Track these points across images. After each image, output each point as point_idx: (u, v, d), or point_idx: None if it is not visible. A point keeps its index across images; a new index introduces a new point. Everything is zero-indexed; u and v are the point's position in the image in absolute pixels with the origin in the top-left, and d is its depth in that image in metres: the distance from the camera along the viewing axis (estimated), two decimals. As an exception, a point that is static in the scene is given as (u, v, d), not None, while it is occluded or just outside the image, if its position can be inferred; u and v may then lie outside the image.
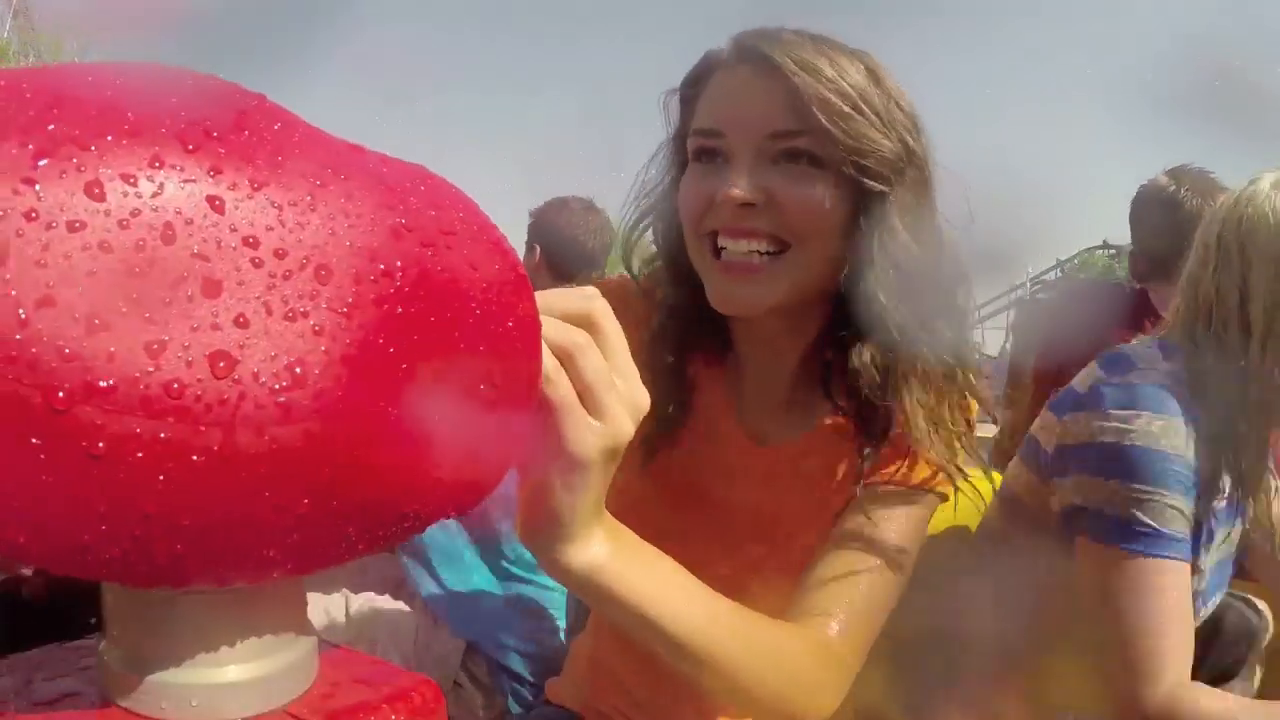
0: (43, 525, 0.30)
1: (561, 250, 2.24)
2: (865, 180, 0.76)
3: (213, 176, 0.30)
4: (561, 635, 1.46)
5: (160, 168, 0.29)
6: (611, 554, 0.58)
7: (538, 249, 2.28)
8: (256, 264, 0.30)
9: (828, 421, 0.87)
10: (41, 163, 0.27)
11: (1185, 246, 1.52)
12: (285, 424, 0.30)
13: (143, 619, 0.40)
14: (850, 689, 0.76)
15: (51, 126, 0.28)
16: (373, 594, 1.47)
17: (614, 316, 0.53)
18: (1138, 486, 1.02)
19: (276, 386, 0.29)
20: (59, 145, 0.28)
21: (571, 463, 0.51)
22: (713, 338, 0.88)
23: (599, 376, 0.51)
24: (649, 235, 0.92)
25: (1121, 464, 1.03)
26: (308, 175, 0.33)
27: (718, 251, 0.79)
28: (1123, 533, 1.02)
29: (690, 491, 0.89)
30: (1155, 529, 1.01)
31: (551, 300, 0.50)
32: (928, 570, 0.86)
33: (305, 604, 0.45)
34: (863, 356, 0.80)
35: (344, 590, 1.48)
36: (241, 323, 0.29)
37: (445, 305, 0.37)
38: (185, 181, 0.29)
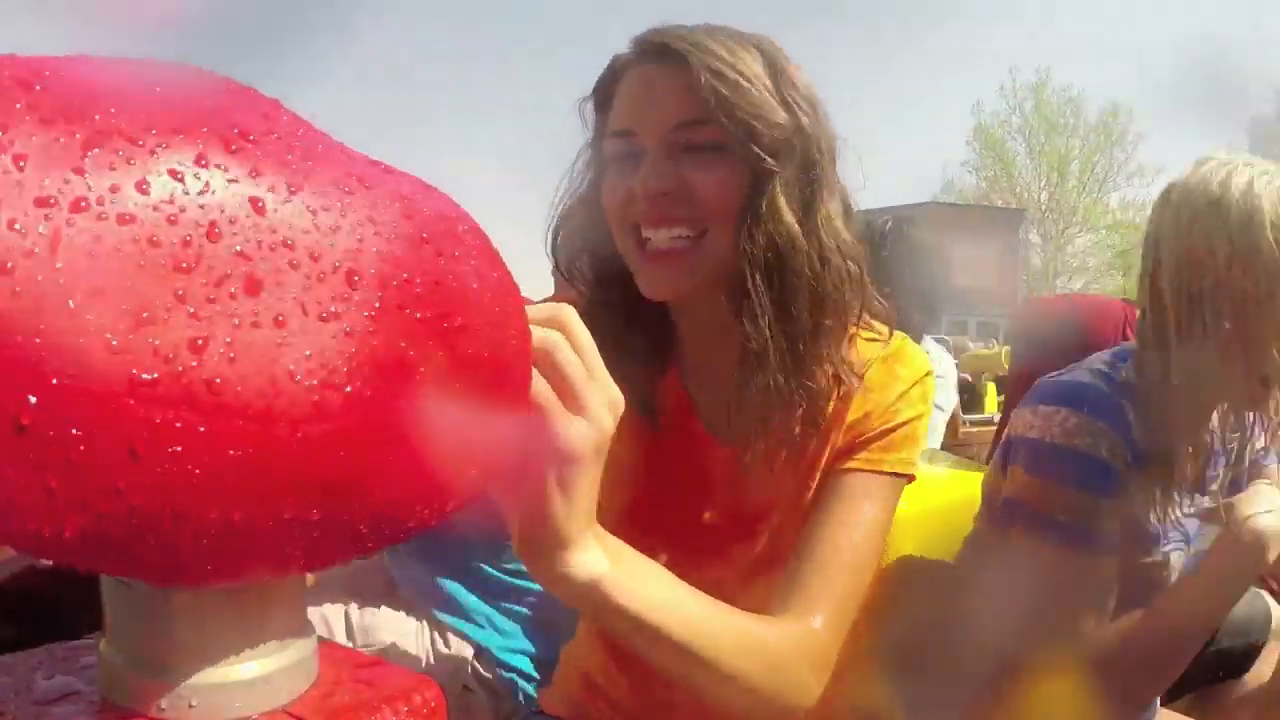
0: (72, 518, 0.30)
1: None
2: (756, 156, 0.80)
3: (254, 178, 0.30)
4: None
5: (205, 166, 0.29)
6: (609, 563, 0.59)
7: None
8: (294, 265, 0.31)
9: (782, 413, 0.87)
10: (92, 152, 0.28)
11: None
12: (318, 422, 0.30)
13: (143, 618, 0.40)
14: (851, 693, 0.80)
15: (98, 117, 0.29)
16: (378, 604, 1.46)
17: (580, 320, 0.54)
18: (1053, 482, 1.07)
19: (310, 385, 0.30)
20: (107, 137, 0.28)
21: (561, 461, 0.53)
22: (656, 336, 0.90)
23: (576, 372, 0.52)
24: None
25: (1039, 458, 1.08)
26: (337, 183, 0.34)
27: (642, 243, 0.83)
28: (1042, 526, 1.06)
29: (667, 501, 0.90)
30: (1068, 524, 1.05)
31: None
32: (921, 577, 0.89)
33: (305, 604, 0.45)
34: (772, 356, 0.82)
35: (349, 601, 1.46)
36: (280, 322, 0.30)
37: (458, 312, 0.38)
38: (230, 181, 0.30)
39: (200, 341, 0.28)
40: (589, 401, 0.53)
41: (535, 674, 1.41)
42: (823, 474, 0.88)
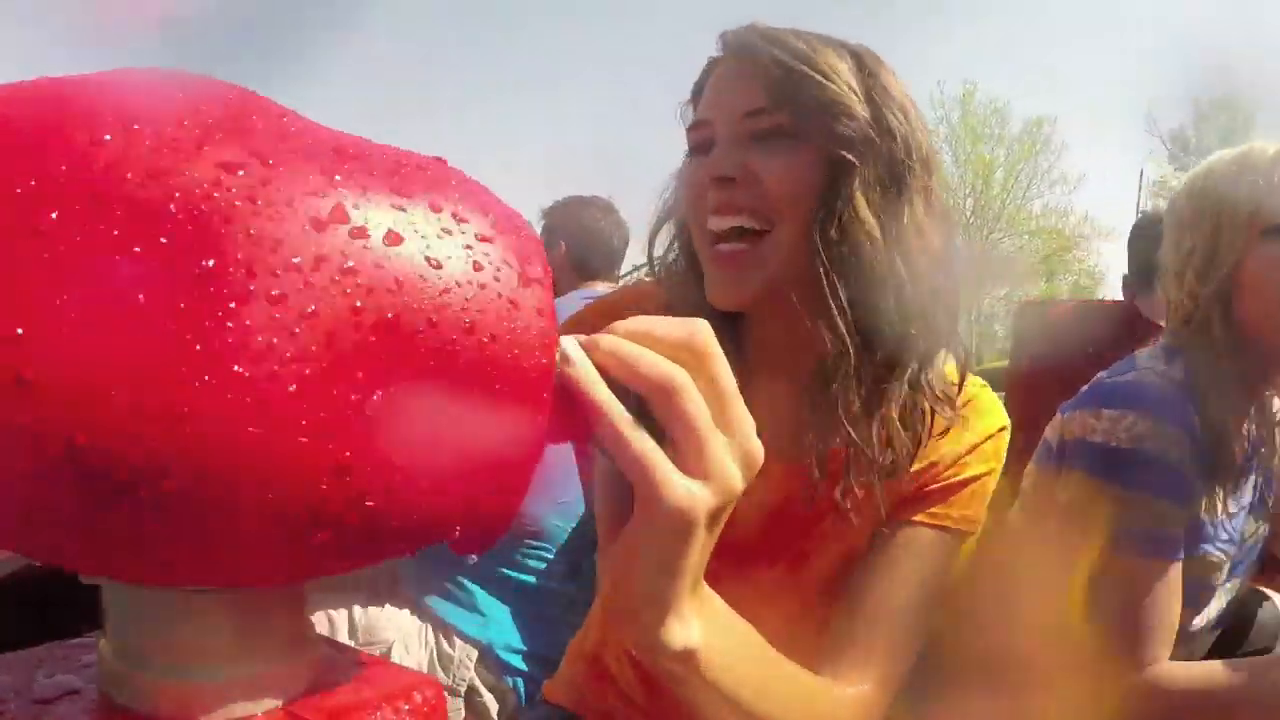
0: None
1: (588, 247, 2.22)
2: (834, 147, 0.77)
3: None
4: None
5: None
6: (704, 636, 0.51)
7: (562, 245, 2.24)
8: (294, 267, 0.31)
9: (841, 446, 0.83)
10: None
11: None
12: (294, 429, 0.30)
13: (142, 617, 0.40)
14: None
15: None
16: (381, 603, 1.47)
17: (720, 348, 0.44)
18: (1121, 490, 1.04)
19: (261, 376, 0.30)
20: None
21: (662, 528, 0.42)
22: (728, 347, 0.86)
23: (700, 423, 0.41)
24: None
25: (1108, 465, 1.06)
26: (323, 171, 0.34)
27: (712, 244, 0.80)
28: (1109, 533, 1.03)
29: None
30: (1139, 531, 1.02)
31: (643, 326, 0.43)
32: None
33: (305, 603, 0.45)
34: (851, 367, 0.78)
35: (351, 601, 1.47)
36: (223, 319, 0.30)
37: (382, 307, 0.35)
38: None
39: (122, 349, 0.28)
40: (713, 458, 0.42)
41: (538, 674, 1.41)
42: (885, 522, 0.83)
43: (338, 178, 0.35)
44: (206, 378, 0.30)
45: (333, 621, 1.41)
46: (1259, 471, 1.19)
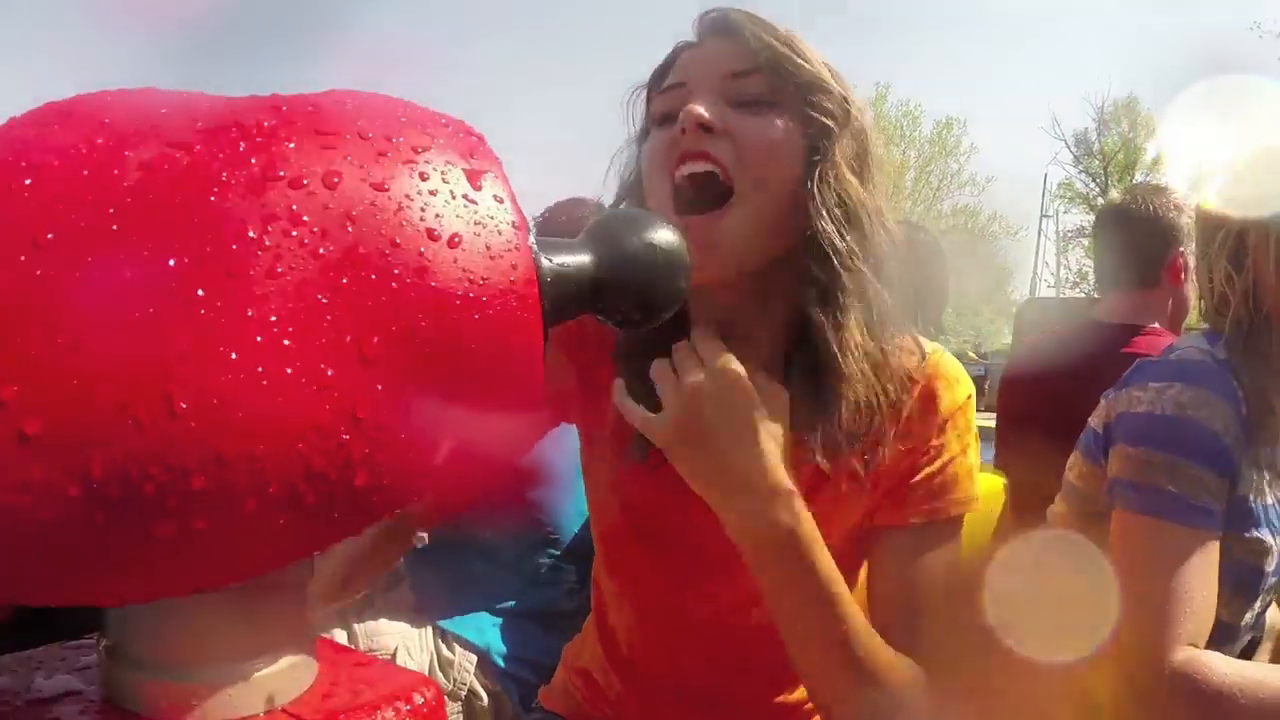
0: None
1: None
2: (816, 116, 0.78)
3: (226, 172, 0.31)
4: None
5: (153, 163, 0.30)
6: (801, 515, 0.63)
7: None
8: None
9: (803, 418, 0.81)
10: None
11: (1130, 251, 1.57)
12: (290, 409, 0.30)
13: (142, 618, 0.40)
14: None
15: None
16: (383, 619, 1.47)
17: None
18: (1163, 454, 1.03)
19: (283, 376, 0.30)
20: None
21: (717, 395, 0.67)
22: (674, 334, 0.81)
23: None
24: None
25: (1149, 431, 1.05)
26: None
27: (678, 212, 0.77)
28: (1146, 499, 1.02)
29: (679, 512, 0.83)
30: (1178, 495, 1.00)
31: None
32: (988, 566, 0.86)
33: (305, 603, 0.45)
34: (815, 339, 0.77)
35: (351, 608, 1.48)
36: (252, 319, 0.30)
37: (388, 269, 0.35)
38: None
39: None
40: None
41: (536, 680, 1.41)
42: (875, 528, 0.82)
43: (258, 138, 0.35)
44: (201, 370, 0.30)
45: (331, 630, 1.42)
46: None
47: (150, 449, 0.30)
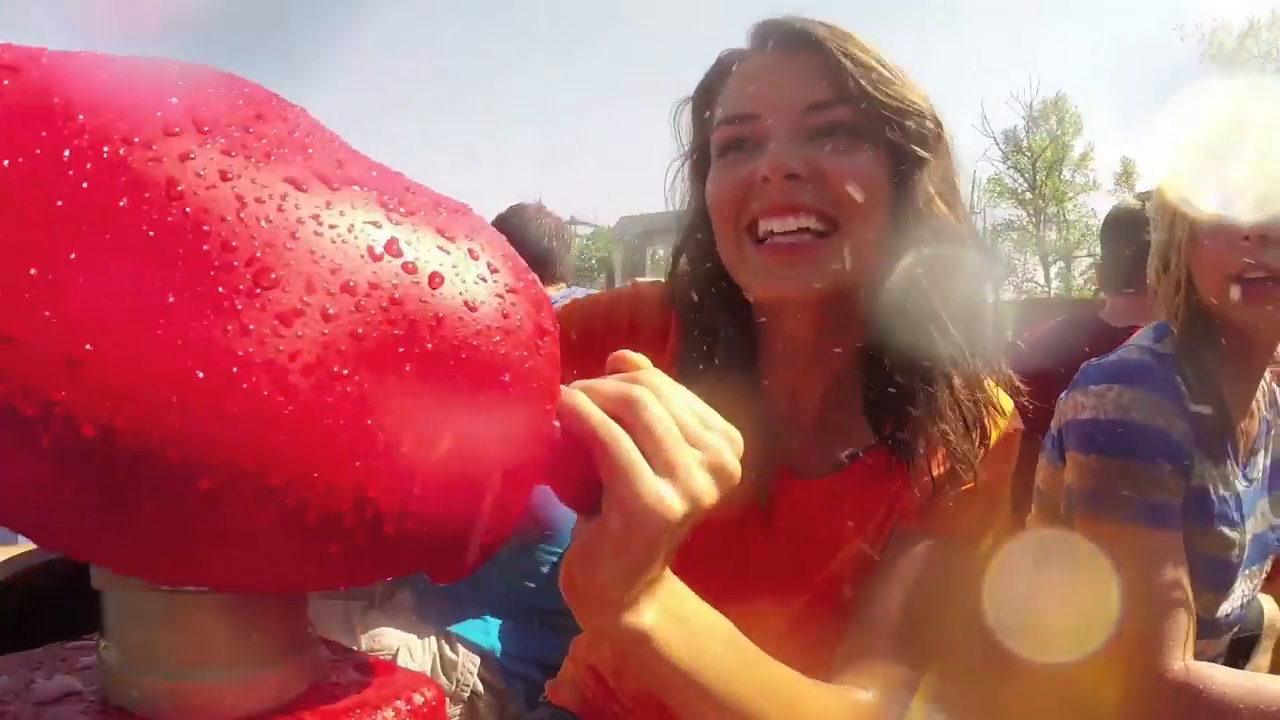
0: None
1: (525, 252, 2.27)
2: (906, 144, 0.73)
3: (181, 160, 0.31)
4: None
5: (131, 144, 0.30)
6: (658, 621, 0.52)
7: None
8: (199, 252, 0.31)
9: (865, 455, 0.80)
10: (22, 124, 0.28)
11: (1127, 253, 1.60)
12: (181, 416, 0.30)
13: (142, 619, 0.40)
14: None
15: (55, 98, 0.29)
16: (383, 612, 1.47)
17: (667, 379, 0.48)
18: (1113, 459, 1.04)
19: (181, 375, 0.30)
20: (45, 110, 0.28)
21: (626, 525, 0.44)
22: (739, 354, 0.80)
23: (666, 430, 0.45)
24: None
25: (1095, 437, 1.07)
26: (289, 178, 0.34)
27: (758, 241, 0.74)
28: (1106, 505, 1.03)
29: (724, 535, 0.80)
30: (1135, 499, 1.02)
31: (596, 383, 0.47)
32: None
33: (305, 603, 0.45)
34: (903, 363, 0.74)
35: (354, 608, 1.47)
36: (164, 305, 0.30)
37: (421, 340, 0.36)
38: (150, 160, 0.30)
39: (74, 306, 0.28)
40: (681, 465, 0.45)
41: (542, 678, 1.41)
42: (898, 528, 0.79)
43: (392, 212, 0.37)
44: (258, 386, 0.31)
45: (334, 631, 1.41)
46: (1270, 454, 1.19)
47: (177, 434, 0.30)
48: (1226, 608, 1.12)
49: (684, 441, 0.45)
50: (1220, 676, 0.98)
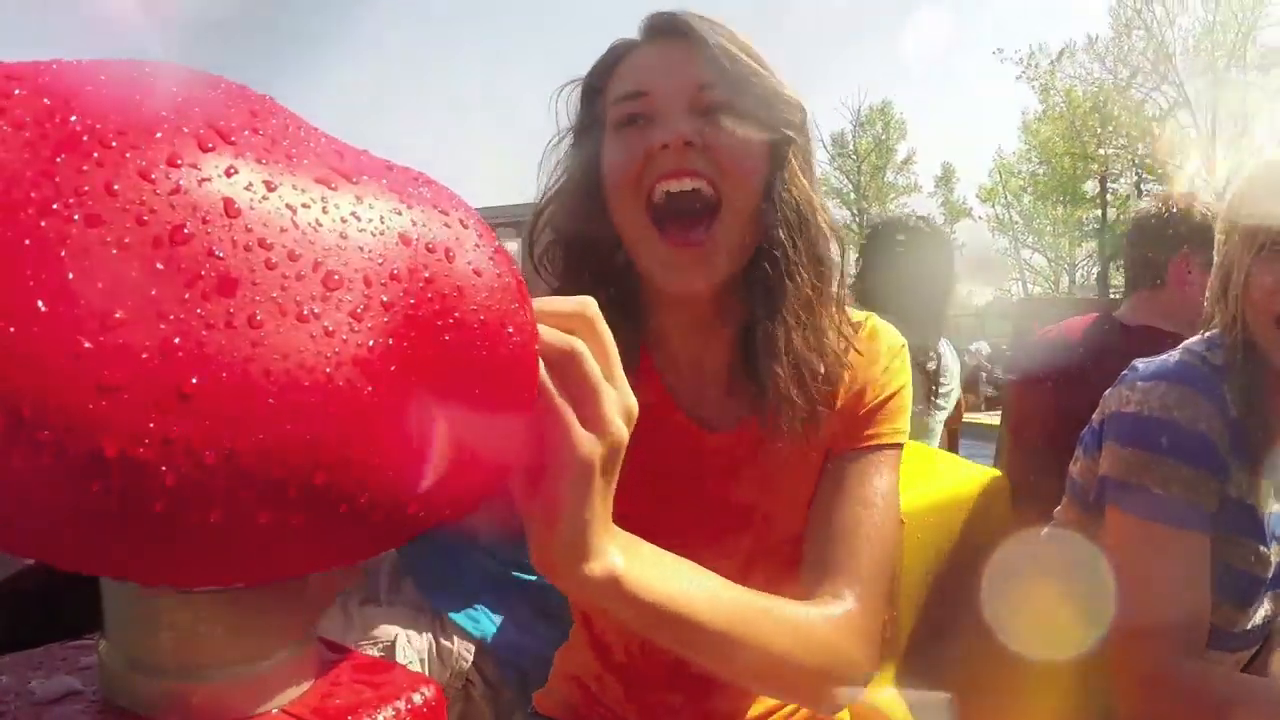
0: (48, 524, 0.30)
1: None
2: (778, 126, 0.83)
3: (228, 176, 0.30)
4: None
5: (177, 166, 0.29)
6: (628, 562, 0.56)
7: None
8: (269, 266, 0.30)
9: (774, 401, 0.86)
10: (59, 158, 0.28)
11: (1157, 255, 1.59)
12: (294, 423, 0.30)
13: (142, 618, 0.40)
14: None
15: (73, 119, 0.28)
16: (380, 599, 1.47)
17: (604, 320, 0.52)
18: (1151, 455, 1.04)
19: (285, 385, 0.30)
20: (77, 141, 0.28)
21: (572, 474, 0.50)
22: (629, 328, 0.86)
23: (596, 383, 0.50)
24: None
25: (1137, 431, 1.06)
26: (319, 179, 0.34)
27: (658, 223, 0.81)
28: (1136, 500, 1.03)
29: (657, 490, 0.86)
30: (1166, 497, 1.01)
31: (544, 305, 0.49)
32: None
33: (305, 603, 0.45)
34: (784, 323, 0.83)
35: (350, 597, 1.48)
36: (254, 324, 0.29)
37: (450, 310, 0.38)
38: (202, 181, 0.29)
39: (171, 344, 0.28)
40: (605, 414, 0.50)
41: (535, 669, 1.42)
42: (828, 458, 0.87)
43: (403, 198, 0.39)
44: (351, 381, 0.33)
45: (330, 619, 1.42)
46: None
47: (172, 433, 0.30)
48: (1245, 623, 1.11)
49: (610, 388, 0.51)
50: (1219, 676, 0.98)
